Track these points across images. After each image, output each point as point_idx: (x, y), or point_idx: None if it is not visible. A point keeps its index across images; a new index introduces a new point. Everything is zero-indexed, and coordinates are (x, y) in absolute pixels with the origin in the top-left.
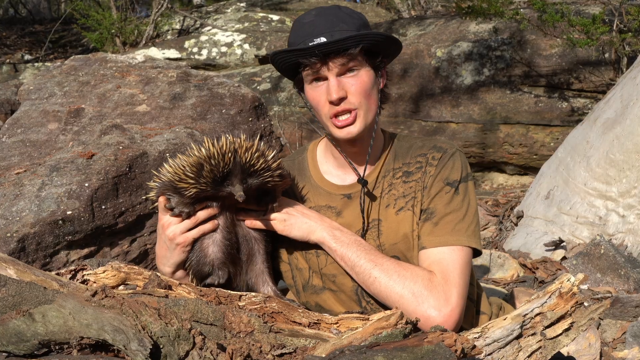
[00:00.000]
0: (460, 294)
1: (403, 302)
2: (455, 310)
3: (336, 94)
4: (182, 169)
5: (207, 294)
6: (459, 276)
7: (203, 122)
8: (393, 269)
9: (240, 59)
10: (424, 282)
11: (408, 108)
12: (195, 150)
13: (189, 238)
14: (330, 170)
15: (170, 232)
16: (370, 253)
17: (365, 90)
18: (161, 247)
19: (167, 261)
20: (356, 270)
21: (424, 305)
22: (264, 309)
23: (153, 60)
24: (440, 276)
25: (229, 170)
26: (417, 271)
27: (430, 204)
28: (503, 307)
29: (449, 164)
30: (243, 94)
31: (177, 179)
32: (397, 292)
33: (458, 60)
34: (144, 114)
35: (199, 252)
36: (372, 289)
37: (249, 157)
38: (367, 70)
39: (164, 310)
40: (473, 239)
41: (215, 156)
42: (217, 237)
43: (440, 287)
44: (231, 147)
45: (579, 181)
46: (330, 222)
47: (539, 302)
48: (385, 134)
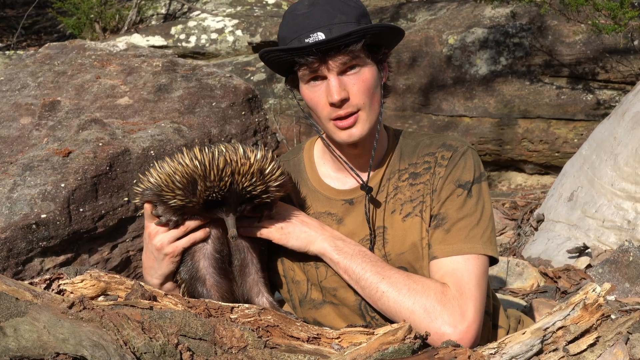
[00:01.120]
0: (477, 308)
1: (414, 318)
2: (472, 326)
3: (338, 95)
4: (170, 178)
5: (195, 305)
6: (475, 288)
7: (191, 117)
8: (402, 282)
9: (232, 46)
10: (437, 295)
11: (417, 101)
12: (187, 159)
13: (178, 248)
14: (329, 172)
15: (157, 242)
16: (376, 265)
17: (368, 89)
18: (148, 257)
19: (154, 272)
20: (361, 284)
21: (437, 321)
22: (259, 322)
23: (136, 48)
24: (455, 288)
25: (223, 195)
26: (429, 284)
27: (440, 209)
28: (522, 320)
29: (460, 163)
30: (235, 85)
31: (163, 186)
32: (407, 307)
33: (472, 48)
34: (126, 108)
35: (190, 266)
36: (379, 304)
37: (247, 184)
38: (369, 66)
39: (148, 323)
40: (489, 246)
41: (211, 177)
42: (208, 249)
43: (455, 301)
44: (228, 169)
45: (605, 181)
46: (332, 232)
47: (562, 315)
48: (388, 131)
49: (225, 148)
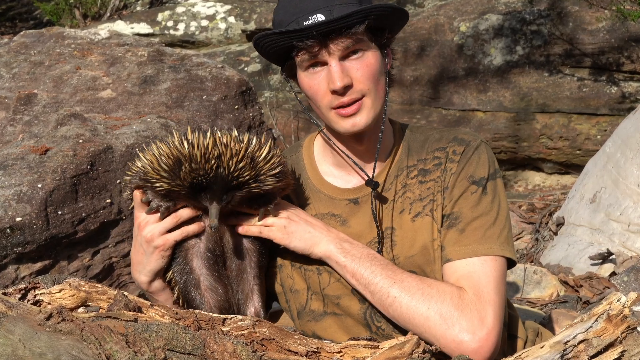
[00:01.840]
0: (497, 313)
1: (429, 325)
2: (492, 333)
3: (341, 82)
4: (156, 159)
5: (184, 317)
6: (493, 292)
7: (179, 111)
8: (416, 287)
9: (225, 34)
10: (454, 300)
11: (425, 94)
12: (177, 141)
13: (170, 240)
14: (330, 170)
15: (147, 233)
16: (387, 268)
17: (373, 74)
18: (137, 251)
19: (142, 268)
20: (371, 289)
21: (454, 328)
22: (253, 335)
23: (120, 36)
24: (472, 292)
25: (208, 180)
26: (445, 288)
27: (453, 208)
28: (540, 333)
29: (473, 158)
30: (228, 76)
31: (149, 168)
32: (421, 313)
33: (486, 36)
34: (108, 101)
35: (183, 265)
36: (390, 311)
37: (233, 167)
38: (373, 51)
39: (132, 336)
40: (507, 247)
41: (197, 159)
42: (201, 247)
43: (472, 306)
44: (215, 151)
45: (631, 181)
46: (338, 233)
47: (583, 327)
48: (394, 124)
49: (220, 132)
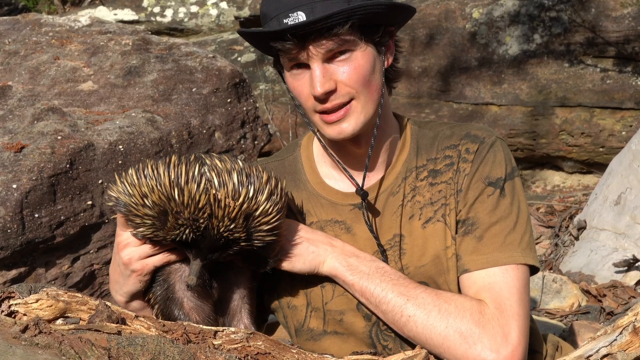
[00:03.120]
0: (522, 328)
1: (449, 345)
2: (518, 349)
3: (321, 88)
4: (142, 202)
5: (172, 329)
6: (517, 304)
7: (167, 105)
8: (432, 303)
9: (216, 21)
10: (474, 316)
11: (435, 86)
12: (165, 178)
13: (149, 266)
14: (331, 172)
15: (125, 255)
16: (399, 284)
17: (362, 77)
18: (114, 269)
19: (119, 288)
20: (382, 308)
21: (476, 347)
22: (247, 349)
23: (102, 23)
24: (494, 306)
25: (194, 237)
26: (463, 303)
27: (469, 213)
28: (560, 347)
29: (488, 157)
30: (219, 67)
31: (132, 209)
32: (439, 332)
33: (501, 23)
34: (89, 94)
35: (165, 287)
36: (405, 331)
37: (223, 228)
38: (363, 50)
39: (116, 350)
40: (529, 253)
41: (185, 214)
42: (185, 272)
43: (495, 321)
44: (207, 209)
45: None
46: (343, 246)
47: (607, 340)
48: (401, 120)
49: (215, 174)
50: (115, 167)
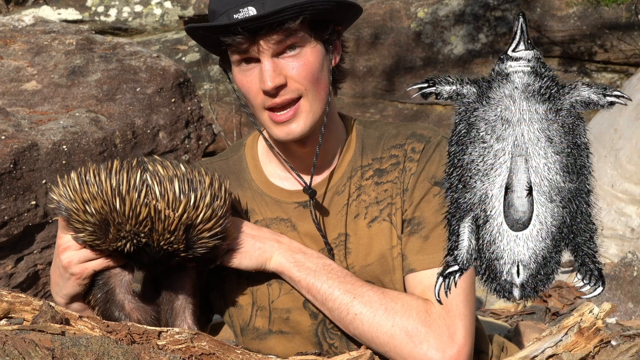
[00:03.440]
0: (468, 328)
1: (395, 343)
2: (464, 349)
3: (272, 82)
4: (83, 209)
5: (116, 330)
6: (463, 304)
7: (111, 104)
8: (378, 301)
9: (160, 21)
10: (420, 315)
11: (380, 86)
12: (107, 186)
13: (88, 270)
14: (276, 172)
15: (65, 258)
16: (345, 282)
17: (311, 73)
18: (55, 271)
19: (59, 290)
20: (329, 305)
21: (422, 346)
22: (191, 349)
23: (46, 22)
24: (440, 306)
25: (137, 248)
26: (410, 302)
27: (415, 212)
28: (505, 347)
29: (434, 156)
30: (164, 67)
31: (74, 215)
32: (385, 331)
33: (446, 22)
34: (33, 94)
35: (105, 289)
36: (351, 328)
37: (163, 242)
38: (312, 46)
39: (59, 351)
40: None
41: (126, 227)
42: (126, 278)
43: (441, 321)
44: (148, 222)
45: (604, 181)
46: (290, 243)
47: (553, 341)
48: (346, 120)
49: (157, 182)
50: (59, 167)
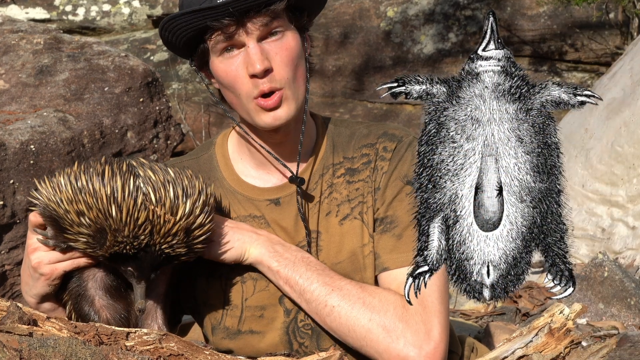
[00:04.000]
0: (443, 325)
1: (371, 338)
2: (439, 347)
3: (261, 64)
4: (78, 217)
5: (84, 330)
6: (438, 301)
7: (79, 104)
8: (356, 295)
9: (129, 20)
10: (397, 310)
11: (349, 85)
12: (104, 196)
13: (58, 270)
14: (247, 170)
15: (35, 259)
16: (324, 274)
17: (292, 59)
18: (25, 271)
19: (29, 290)
20: (307, 297)
21: (399, 342)
22: (159, 350)
23: (13, 22)
24: (416, 302)
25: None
26: (388, 297)
27: (387, 211)
28: (475, 348)
29: (406, 156)
30: (132, 66)
31: (67, 223)
32: (362, 325)
33: (415, 22)
34: (0, 93)
35: (77, 285)
36: (328, 321)
37: (165, 246)
38: (293, 32)
39: (27, 352)
40: None
41: (125, 232)
42: (98, 275)
43: (418, 317)
44: (148, 226)
45: (574, 181)
46: (268, 235)
47: (523, 342)
48: (316, 118)
49: (151, 189)
50: (27, 167)
